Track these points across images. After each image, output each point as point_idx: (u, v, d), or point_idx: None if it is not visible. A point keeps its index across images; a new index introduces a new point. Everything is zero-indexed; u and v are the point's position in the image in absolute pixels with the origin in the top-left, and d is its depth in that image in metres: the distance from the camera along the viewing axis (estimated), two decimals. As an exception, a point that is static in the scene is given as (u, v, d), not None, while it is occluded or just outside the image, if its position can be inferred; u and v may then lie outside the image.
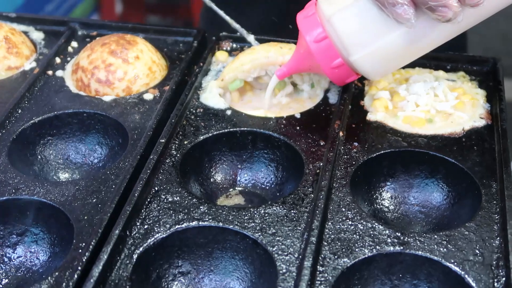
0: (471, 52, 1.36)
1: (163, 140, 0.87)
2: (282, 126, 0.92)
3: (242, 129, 0.92)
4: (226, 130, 0.91)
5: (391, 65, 0.85)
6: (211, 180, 0.91)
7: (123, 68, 0.98)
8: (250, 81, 0.98)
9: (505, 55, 2.93)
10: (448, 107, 0.92)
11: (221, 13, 1.02)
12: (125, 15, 2.91)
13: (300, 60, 0.87)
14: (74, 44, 1.08)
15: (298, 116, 0.93)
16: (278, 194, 0.90)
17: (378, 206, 0.88)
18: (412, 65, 0.96)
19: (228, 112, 0.94)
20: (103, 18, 2.97)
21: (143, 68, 0.99)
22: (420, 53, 0.84)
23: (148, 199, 0.81)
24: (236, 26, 1.03)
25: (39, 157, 0.93)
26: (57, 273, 0.72)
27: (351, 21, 0.80)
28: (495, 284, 0.71)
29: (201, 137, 0.90)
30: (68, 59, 1.05)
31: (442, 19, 0.74)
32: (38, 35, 1.09)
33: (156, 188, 0.83)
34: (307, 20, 0.84)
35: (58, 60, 1.04)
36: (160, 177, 0.84)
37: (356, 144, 0.89)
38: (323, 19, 0.82)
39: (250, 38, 1.03)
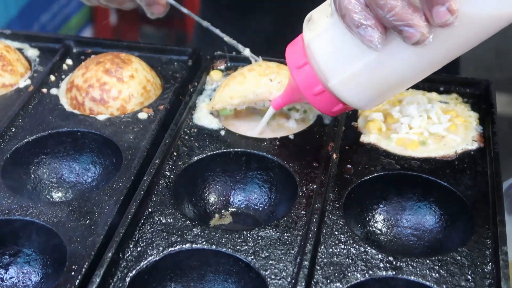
0: (463, 67, 1.37)
1: (157, 161, 0.87)
2: (276, 147, 0.92)
3: (236, 150, 0.92)
4: (220, 151, 0.92)
5: (372, 93, 0.81)
6: (205, 201, 0.91)
7: (118, 87, 0.98)
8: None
9: (497, 70, 2.93)
10: (441, 130, 0.93)
11: (217, 31, 1.02)
12: (120, 26, 2.91)
13: (291, 90, 0.87)
14: (69, 61, 1.08)
15: (291, 137, 0.94)
16: (271, 215, 0.90)
17: (371, 229, 0.88)
18: (405, 86, 0.97)
19: (222, 133, 0.95)
20: (98, 29, 2.97)
21: (137, 87, 0.99)
22: (404, 83, 0.81)
23: (142, 221, 0.81)
24: (233, 42, 1.03)
25: (32, 176, 0.93)
26: (49, 296, 0.72)
27: (327, 46, 0.78)
28: (487, 310, 0.72)
29: (195, 158, 0.90)
30: (63, 76, 1.05)
31: (409, 41, 0.71)
32: (33, 52, 1.10)
33: (150, 210, 0.83)
34: (292, 47, 0.83)
35: (52, 78, 1.04)
36: (154, 199, 0.84)
37: (349, 166, 0.89)
38: (305, 45, 0.81)
39: (246, 51, 1.03)
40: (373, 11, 0.71)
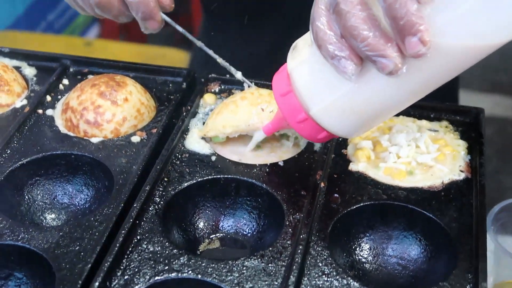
0: (469, 69, 1.35)
1: (147, 188, 0.89)
2: (265, 174, 0.93)
3: (226, 176, 0.93)
4: (210, 177, 0.93)
5: (353, 122, 0.81)
6: (195, 226, 0.92)
7: (112, 110, 1.00)
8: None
9: (502, 71, 2.92)
10: (429, 159, 0.93)
11: (210, 52, 1.03)
12: (127, 23, 2.91)
13: (279, 118, 0.88)
14: (65, 81, 1.09)
15: (281, 164, 0.95)
16: (259, 241, 0.91)
17: (356, 257, 0.89)
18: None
19: (213, 158, 0.96)
20: (104, 26, 2.99)
21: (131, 110, 1.01)
22: (385, 112, 0.81)
23: (130, 249, 0.83)
24: (225, 64, 1.03)
25: (26, 197, 0.95)
26: (36, 325, 0.74)
27: (308, 75, 0.80)
28: None
29: (185, 184, 0.92)
30: (59, 97, 1.07)
31: (383, 71, 0.70)
32: (30, 71, 1.11)
33: (138, 237, 0.84)
34: (278, 75, 0.84)
35: (49, 98, 1.06)
36: (143, 226, 0.86)
37: (336, 195, 0.90)
38: (288, 73, 0.82)
39: (238, 75, 1.03)
40: (348, 42, 0.71)
